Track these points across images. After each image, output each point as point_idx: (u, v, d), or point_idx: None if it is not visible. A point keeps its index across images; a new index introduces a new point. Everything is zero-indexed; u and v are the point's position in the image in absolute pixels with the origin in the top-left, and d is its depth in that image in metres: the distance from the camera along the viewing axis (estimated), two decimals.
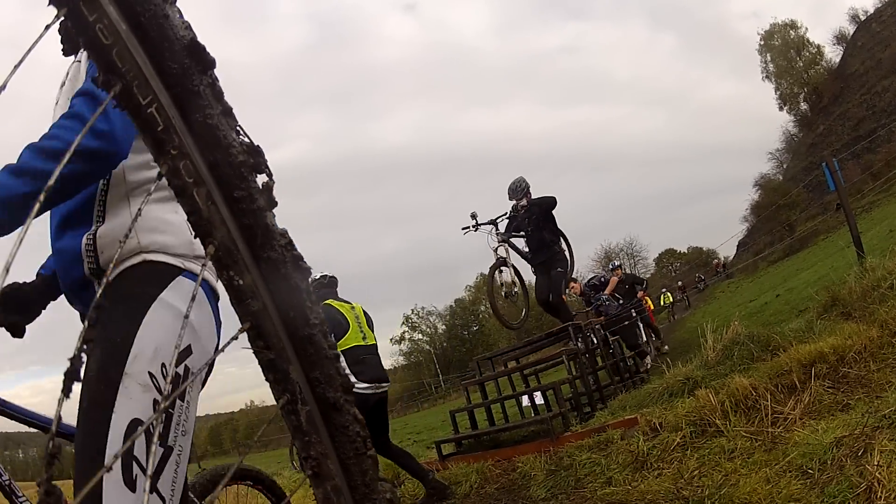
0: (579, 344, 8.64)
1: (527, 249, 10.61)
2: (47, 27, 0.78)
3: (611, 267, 18.07)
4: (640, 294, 15.97)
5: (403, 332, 73.28)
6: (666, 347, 14.56)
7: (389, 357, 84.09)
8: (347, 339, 6.39)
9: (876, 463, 3.65)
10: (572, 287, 16.37)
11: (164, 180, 0.95)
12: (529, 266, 10.63)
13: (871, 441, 3.93)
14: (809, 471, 3.99)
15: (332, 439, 1.09)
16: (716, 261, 56.36)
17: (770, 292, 16.70)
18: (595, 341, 9.66)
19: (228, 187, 0.98)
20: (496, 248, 9.91)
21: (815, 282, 12.06)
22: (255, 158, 1.02)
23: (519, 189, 10.32)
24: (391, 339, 74.83)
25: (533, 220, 10.15)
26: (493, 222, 10.19)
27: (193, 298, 0.99)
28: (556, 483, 5.61)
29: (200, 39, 0.95)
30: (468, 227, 10.17)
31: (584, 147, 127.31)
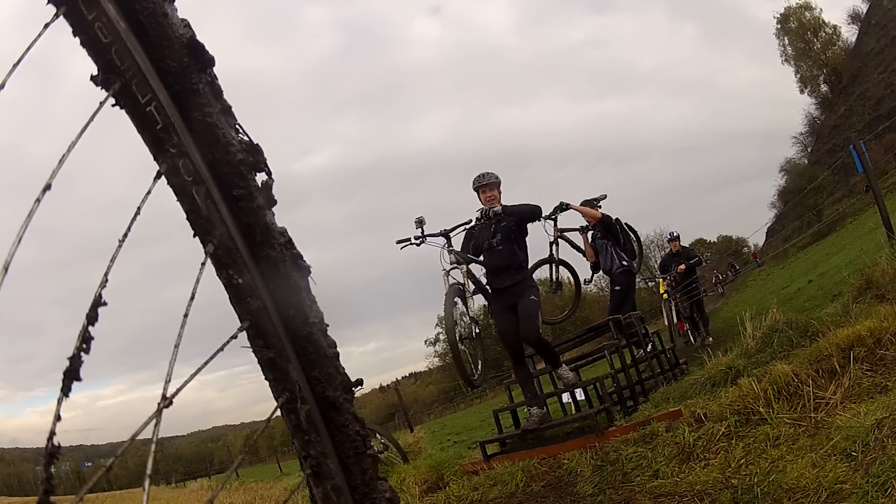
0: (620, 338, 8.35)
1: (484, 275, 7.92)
2: (46, 26, 0.82)
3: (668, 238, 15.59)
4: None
5: (438, 333, 72.67)
6: (710, 339, 13.11)
7: (425, 359, 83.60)
8: None
9: None
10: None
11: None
12: (485, 297, 7.84)
13: None
14: (853, 453, 4.05)
15: (331, 438, 1.12)
16: (751, 251, 55.64)
17: (802, 278, 16.57)
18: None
19: (228, 186, 1.01)
20: (449, 271, 7.36)
21: (846, 265, 11.96)
22: (254, 156, 1.05)
23: (491, 176, 7.71)
24: (426, 341, 74.47)
25: (503, 227, 7.57)
26: (446, 234, 7.54)
27: (193, 298, 0.95)
28: (603, 478, 5.66)
29: (200, 38, 0.98)
30: (407, 241, 7.64)
31: (613, 139, 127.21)
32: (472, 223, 7.70)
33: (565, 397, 8.12)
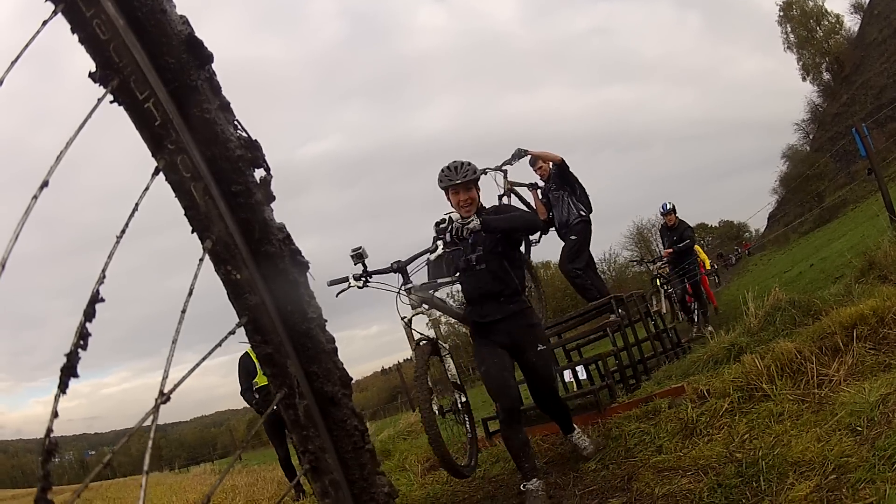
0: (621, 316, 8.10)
1: (452, 300, 6.30)
2: (45, 23, 0.81)
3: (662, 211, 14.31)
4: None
5: (439, 315, 72.59)
6: (709, 327, 11.39)
7: None
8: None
9: None
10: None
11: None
12: (470, 329, 5.90)
13: None
14: (858, 428, 4.04)
15: (330, 433, 1.13)
16: (744, 242, 55.55)
17: (804, 262, 16.60)
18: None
19: (226, 182, 1.00)
20: (411, 319, 5.52)
21: (847, 250, 11.95)
22: (252, 153, 1.04)
23: (468, 170, 5.43)
24: (427, 324, 74.85)
25: (484, 238, 5.48)
26: (401, 268, 5.59)
27: (191, 293, 0.93)
28: (606, 454, 5.66)
29: (199, 35, 0.97)
30: (344, 283, 5.56)
31: (618, 126, 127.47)
32: (439, 249, 5.49)
33: (567, 375, 8.12)
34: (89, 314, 0.81)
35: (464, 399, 5.67)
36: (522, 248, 7.11)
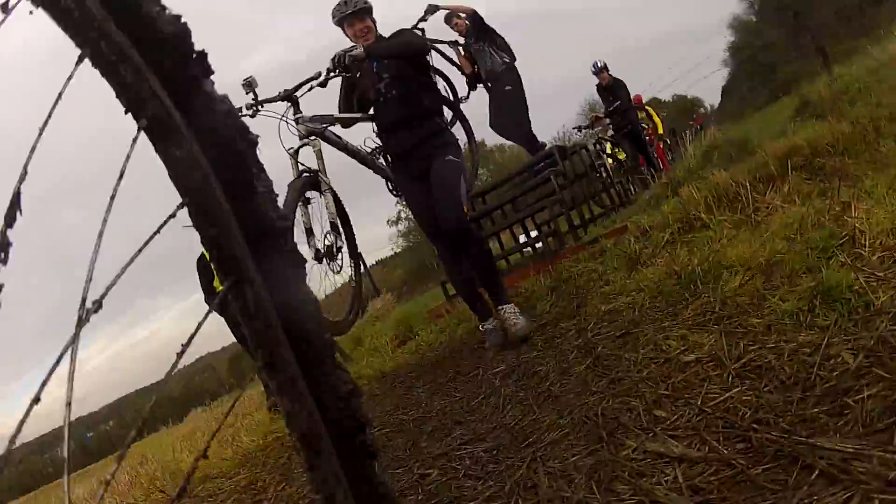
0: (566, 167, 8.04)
1: (370, 143, 5.56)
2: None
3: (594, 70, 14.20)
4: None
5: (399, 212, 70.44)
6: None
7: (388, 240, 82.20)
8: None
9: (854, 215, 3.88)
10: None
11: None
12: (382, 174, 5.70)
13: (848, 203, 4.15)
14: (791, 236, 4.19)
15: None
16: (696, 118, 55.46)
17: (755, 129, 16.81)
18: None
19: (157, 60, 0.95)
20: (297, 150, 5.02)
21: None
22: (180, 28, 0.98)
23: (361, 8, 5.18)
24: (388, 221, 72.68)
25: (388, 65, 5.28)
26: (289, 96, 5.14)
27: (122, 176, 0.87)
28: (559, 296, 5.87)
29: None
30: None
31: (555, 2, 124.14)
32: (321, 76, 5.13)
33: (522, 238, 8.27)
34: (10, 219, 0.78)
35: (340, 244, 5.06)
36: (445, 91, 6.21)
